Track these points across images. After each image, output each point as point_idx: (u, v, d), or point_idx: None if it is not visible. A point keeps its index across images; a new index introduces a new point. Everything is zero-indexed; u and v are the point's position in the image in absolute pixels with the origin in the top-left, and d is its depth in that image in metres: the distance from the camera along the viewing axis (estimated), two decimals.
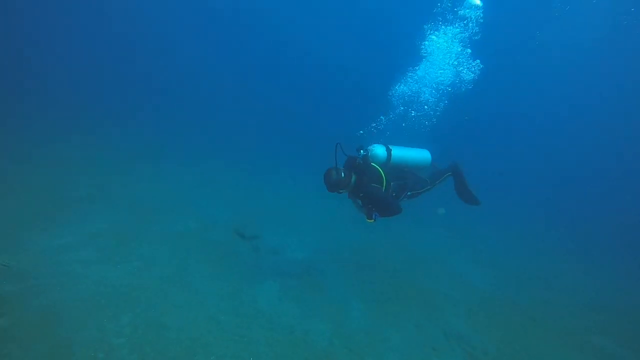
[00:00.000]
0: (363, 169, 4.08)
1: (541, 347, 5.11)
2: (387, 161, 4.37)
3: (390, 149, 4.39)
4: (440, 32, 6.97)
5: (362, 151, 4.26)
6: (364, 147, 4.31)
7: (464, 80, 6.98)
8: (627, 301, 7.33)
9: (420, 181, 4.68)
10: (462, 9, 6.98)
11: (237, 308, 4.37)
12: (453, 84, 6.95)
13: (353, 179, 4.03)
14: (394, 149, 4.42)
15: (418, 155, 4.67)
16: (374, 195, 4.00)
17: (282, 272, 5.54)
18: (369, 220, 4.04)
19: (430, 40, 6.95)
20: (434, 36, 6.90)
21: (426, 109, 6.79)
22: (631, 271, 9.46)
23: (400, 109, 6.65)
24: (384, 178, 4.14)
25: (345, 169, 4.05)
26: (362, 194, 4.08)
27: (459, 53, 6.94)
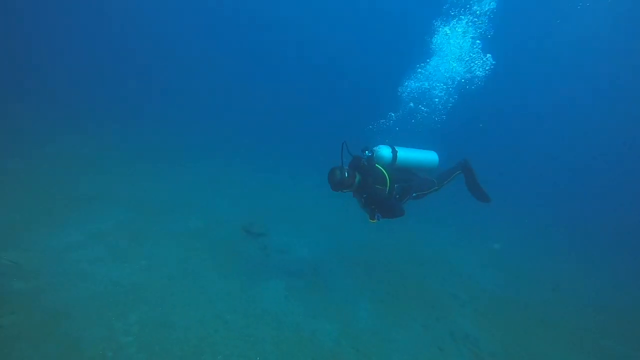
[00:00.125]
0: (367, 170, 4.06)
1: (549, 349, 5.07)
2: (392, 163, 4.31)
3: (397, 151, 4.33)
4: (451, 26, 6.86)
5: (367, 152, 4.23)
6: (369, 148, 4.27)
7: (475, 75, 6.86)
8: (636, 303, 7.24)
9: (426, 182, 4.61)
10: (475, 3, 6.86)
11: (244, 307, 4.38)
12: (464, 80, 6.84)
13: (357, 179, 4.01)
14: (400, 150, 4.35)
15: (425, 157, 4.60)
16: (377, 196, 3.98)
17: (289, 271, 5.54)
18: (372, 220, 4.04)
19: (441, 33, 6.82)
20: (447, 29, 6.78)
21: (436, 102, 6.69)
22: (638, 272, 9.34)
23: (410, 105, 6.58)
24: (388, 180, 4.10)
25: (349, 168, 4.03)
26: (365, 195, 4.06)
27: (469, 48, 6.82)
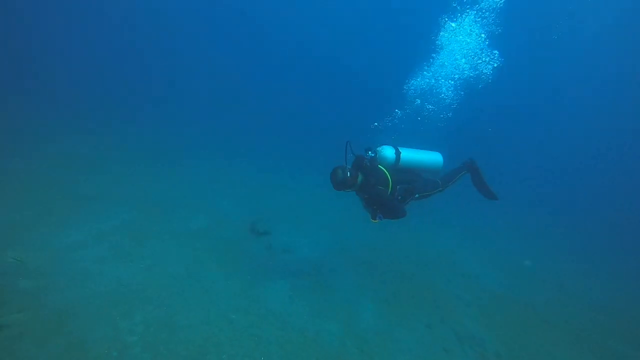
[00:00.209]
0: (370, 170, 4.04)
1: (555, 350, 5.03)
2: (395, 163, 4.27)
3: (400, 152, 4.28)
4: (458, 21, 6.79)
5: (370, 152, 4.20)
6: (372, 149, 4.24)
7: (482, 73, 6.79)
8: None
9: (430, 183, 4.55)
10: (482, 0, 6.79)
11: (248, 307, 4.38)
12: (470, 77, 6.77)
13: (360, 179, 3.99)
14: (403, 151, 4.31)
15: (429, 158, 4.54)
16: (379, 197, 3.96)
17: (293, 271, 5.53)
18: (373, 220, 4.03)
19: (448, 28, 6.74)
20: (454, 23, 6.70)
21: (443, 97, 6.63)
22: None
23: (417, 102, 6.53)
24: (390, 181, 4.07)
25: (352, 168, 4.01)
26: (367, 195, 4.04)
27: (476, 44, 6.74)
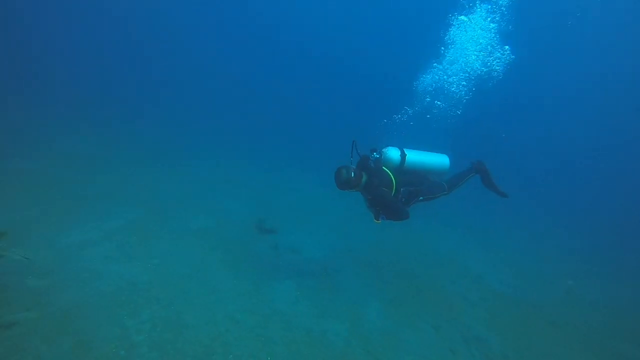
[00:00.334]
0: (374, 172, 4.02)
1: (563, 352, 5.00)
2: (400, 165, 4.22)
3: (405, 154, 4.23)
4: (469, 15, 6.69)
5: (375, 153, 4.17)
6: (377, 150, 4.21)
7: (494, 69, 6.69)
8: None
9: (435, 186, 4.49)
10: None
11: (255, 307, 4.38)
12: (481, 73, 6.67)
13: (364, 179, 3.97)
14: (409, 153, 4.25)
15: (435, 160, 4.47)
16: (382, 199, 3.93)
17: (299, 271, 5.53)
18: (376, 221, 4.01)
19: (459, 23, 6.64)
20: (465, 17, 6.59)
21: (453, 93, 6.55)
22: None
23: (427, 99, 6.47)
24: (394, 183, 4.04)
25: (357, 168, 3.99)
26: (371, 197, 4.02)
27: (487, 40, 6.64)
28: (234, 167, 10.42)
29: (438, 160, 4.50)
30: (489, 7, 6.68)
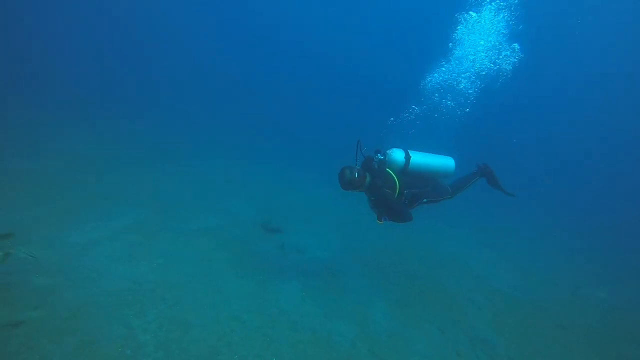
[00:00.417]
0: (377, 173, 4.00)
1: (570, 356, 4.95)
2: (404, 167, 4.18)
3: (410, 156, 4.18)
4: (478, 11, 6.60)
5: (379, 155, 4.14)
6: (382, 151, 4.18)
7: (501, 68, 6.61)
8: None
9: (439, 190, 4.45)
10: None
11: (260, 307, 4.37)
12: (489, 71, 6.59)
13: (367, 180, 3.95)
14: (413, 155, 4.20)
15: (440, 163, 4.40)
16: (385, 200, 3.92)
17: (305, 272, 5.52)
18: (379, 221, 3.98)
19: (468, 19, 6.56)
20: (474, 13, 6.51)
21: (462, 89, 6.47)
22: None
23: (435, 96, 6.42)
24: (398, 185, 4.01)
25: (361, 169, 3.97)
26: (374, 198, 4.01)
27: (495, 38, 6.55)
28: (237, 167, 10.43)
29: (443, 162, 4.43)
30: (498, 2, 6.58)
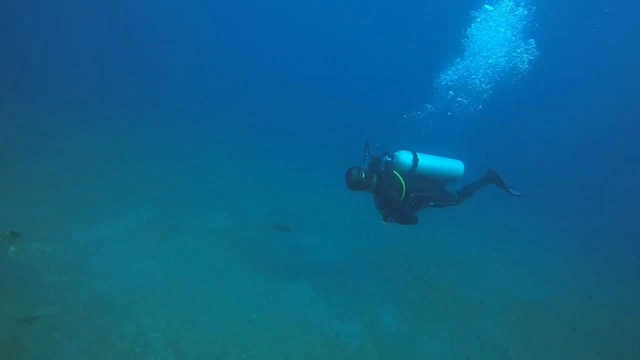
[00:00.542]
0: (384, 175, 3.96)
1: None
2: (412, 170, 4.11)
3: (418, 159, 4.11)
4: (495, 6, 6.45)
5: (387, 157, 4.10)
6: (389, 153, 4.13)
7: (517, 66, 6.46)
8: None
9: (446, 195, 4.39)
10: None
11: (269, 307, 4.39)
12: (505, 68, 6.44)
13: (374, 181, 3.93)
14: (421, 158, 4.13)
15: (449, 166, 4.31)
16: (392, 202, 3.89)
17: (315, 272, 5.52)
18: (384, 222, 3.98)
19: (483, 12, 6.41)
20: (490, 6, 6.36)
21: (477, 84, 6.35)
22: None
23: (450, 93, 6.32)
24: (404, 188, 3.96)
25: (368, 169, 3.95)
26: (380, 199, 3.99)
27: (511, 34, 6.39)
28: (248, 167, 10.46)
29: (452, 166, 4.34)
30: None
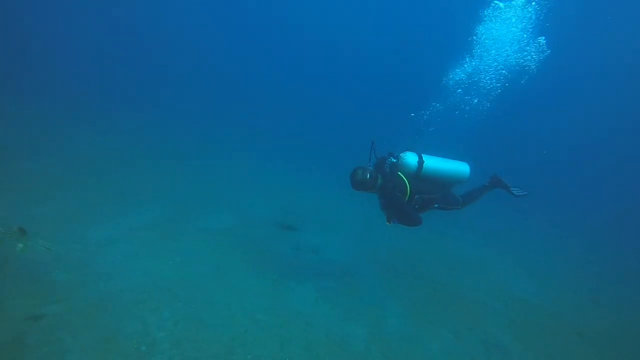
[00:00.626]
0: (389, 177, 3.97)
1: None
2: (416, 172, 4.09)
3: (423, 161, 4.09)
4: (506, 3, 6.39)
5: (392, 158, 4.10)
6: (394, 154, 4.14)
7: (527, 64, 6.40)
8: None
9: (450, 199, 4.40)
10: None
11: (274, 307, 4.39)
12: (514, 66, 6.39)
13: (379, 182, 3.94)
14: (427, 160, 4.11)
15: (454, 168, 4.29)
16: (396, 203, 3.89)
17: (320, 273, 5.52)
18: (388, 223, 3.98)
19: (494, 8, 6.35)
20: (502, 3, 6.30)
21: (488, 81, 6.30)
22: None
23: (458, 91, 6.30)
24: (409, 190, 3.96)
25: (373, 170, 3.96)
26: (384, 200, 3.99)
27: (521, 31, 6.33)
28: (250, 167, 10.48)
29: (457, 168, 4.31)
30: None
